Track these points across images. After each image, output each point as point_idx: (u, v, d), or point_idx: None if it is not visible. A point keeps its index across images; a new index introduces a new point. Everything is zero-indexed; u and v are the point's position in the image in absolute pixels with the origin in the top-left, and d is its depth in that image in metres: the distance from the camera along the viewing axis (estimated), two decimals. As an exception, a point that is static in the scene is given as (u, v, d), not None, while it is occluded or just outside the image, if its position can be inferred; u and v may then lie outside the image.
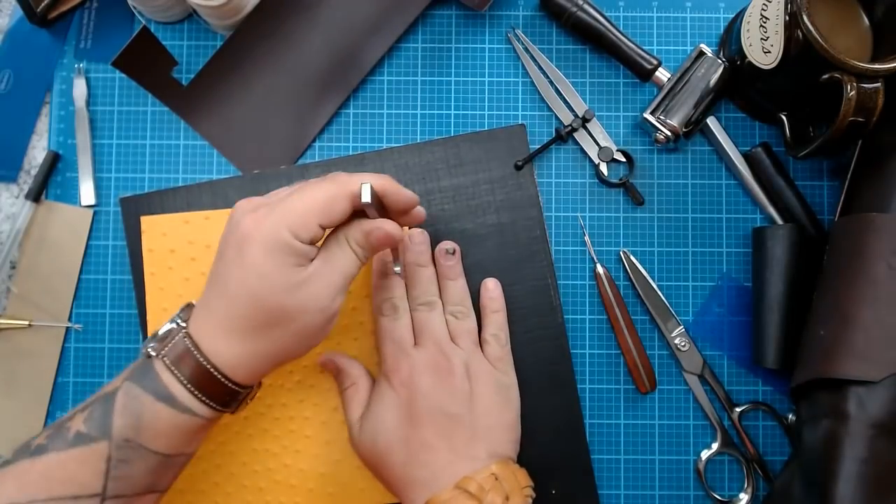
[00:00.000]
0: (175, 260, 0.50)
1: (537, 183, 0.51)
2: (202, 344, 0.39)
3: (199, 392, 0.38)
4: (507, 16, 0.53)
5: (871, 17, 0.46)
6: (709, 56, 0.50)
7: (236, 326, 0.38)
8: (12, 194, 0.53)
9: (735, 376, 0.51)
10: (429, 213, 0.51)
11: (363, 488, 0.48)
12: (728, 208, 0.52)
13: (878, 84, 0.41)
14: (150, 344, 0.39)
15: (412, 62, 0.53)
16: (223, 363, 0.39)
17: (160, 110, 0.53)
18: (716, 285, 0.52)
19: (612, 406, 0.51)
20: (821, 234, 0.50)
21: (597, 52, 0.53)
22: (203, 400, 0.39)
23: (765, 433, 0.51)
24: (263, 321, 0.38)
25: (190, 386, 0.38)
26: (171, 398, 0.38)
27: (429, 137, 0.52)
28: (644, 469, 0.50)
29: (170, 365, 0.38)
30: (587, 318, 0.51)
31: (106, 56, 0.51)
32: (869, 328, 0.42)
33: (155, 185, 0.52)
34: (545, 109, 0.53)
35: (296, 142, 0.52)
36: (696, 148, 0.53)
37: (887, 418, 0.41)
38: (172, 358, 0.38)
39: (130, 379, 0.39)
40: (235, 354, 0.39)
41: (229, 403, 0.40)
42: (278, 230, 0.37)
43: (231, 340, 0.38)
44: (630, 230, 0.52)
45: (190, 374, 0.38)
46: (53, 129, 0.52)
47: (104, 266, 0.52)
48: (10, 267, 0.52)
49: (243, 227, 0.38)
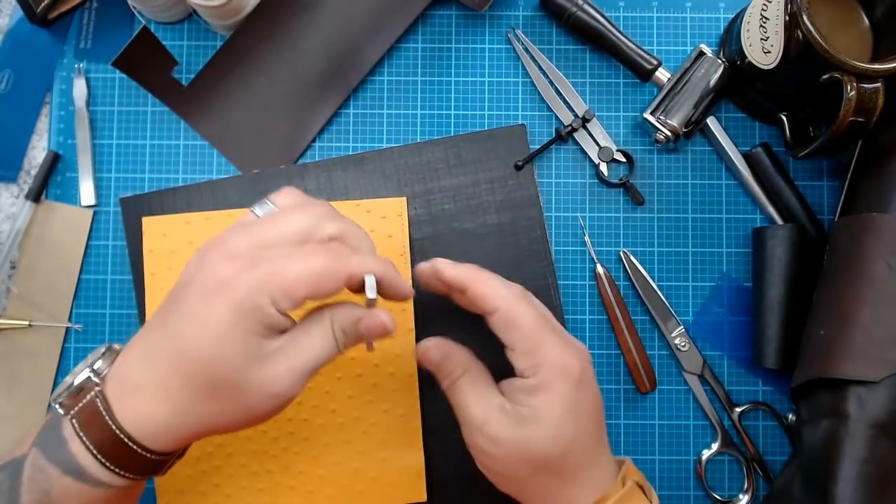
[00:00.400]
0: (175, 261, 0.50)
1: (537, 183, 0.51)
2: (120, 405, 0.33)
3: (111, 463, 0.33)
4: (507, 16, 0.53)
5: (871, 17, 0.46)
6: (709, 56, 0.50)
7: (170, 392, 0.32)
8: (12, 194, 0.53)
9: (735, 376, 0.51)
10: (429, 213, 0.51)
11: (362, 490, 0.48)
12: (728, 208, 0.52)
13: (878, 84, 0.41)
14: (61, 396, 0.34)
15: (412, 62, 0.53)
16: (143, 431, 0.33)
17: (160, 110, 0.53)
18: (716, 285, 0.52)
19: (612, 406, 0.51)
20: (821, 234, 0.50)
21: (597, 52, 0.53)
22: (117, 472, 0.33)
23: (765, 433, 0.51)
24: (205, 392, 0.32)
25: (101, 456, 0.32)
26: (80, 471, 0.32)
27: (429, 137, 0.52)
28: (644, 469, 0.50)
29: (78, 430, 0.33)
30: (587, 318, 0.51)
31: (106, 56, 0.51)
32: (869, 328, 0.42)
33: (155, 185, 0.52)
34: (545, 109, 0.53)
35: (295, 142, 0.52)
36: (696, 148, 0.53)
37: (887, 418, 0.41)
38: (82, 420, 0.33)
39: (38, 445, 0.33)
40: (161, 422, 0.33)
41: (150, 472, 0.34)
42: (258, 292, 0.31)
43: (158, 406, 0.32)
44: (630, 230, 0.52)
45: (100, 441, 0.32)
46: (53, 129, 0.52)
47: (104, 266, 0.52)
48: (10, 267, 0.52)
49: (218, 275, 0.32)
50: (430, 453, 0.49)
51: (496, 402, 0.38)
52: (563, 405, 0.36)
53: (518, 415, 0.37)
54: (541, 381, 0.37)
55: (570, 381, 0.37)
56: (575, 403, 0.37)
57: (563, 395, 0.37)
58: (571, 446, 0.37)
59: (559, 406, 0.36)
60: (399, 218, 0.50)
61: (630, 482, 0.37)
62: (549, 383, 0.37)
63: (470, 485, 0.48)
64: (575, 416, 0.37)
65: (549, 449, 0.36)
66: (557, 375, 0.37)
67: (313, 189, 0.51)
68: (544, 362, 0.37)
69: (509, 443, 0.37)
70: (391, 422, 0.49)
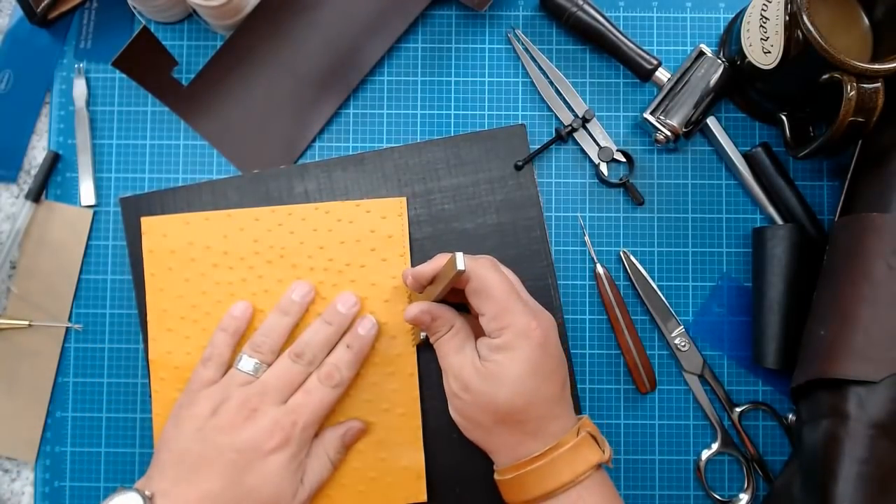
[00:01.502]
0: (175, 261, 0.50)
1: (537, 183, 0.51)
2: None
3: None
4: (507, 16, 0.53)
5: (871, 17, 0.46)
6: (709, 56, 0.50)
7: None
8: (12, 194, 0.53)
9: (735, 376, 0.51)
10: (429, 213, 0.51)
11: (362, 490, 0.48)
12: (728, 208, 0.52)
13: (878, 84, 0.41)
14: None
15: (412, 62, 0.53)
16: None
17: (160, 110, 0.53)
18: (716, 285, 0.52)
19: (612, 406, 0.51)
20: (821, 234, 0.50)
21: (597, 52, 0.53)
22: None
23: (765, 433, 0.51)
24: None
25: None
26: None
27: (429, 137, 0.52)
28: (644, 469, 0.50)
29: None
30: (587, 318, 0.51)
31: (106, 56, 0.51)
32: (869, 328, 0.42)
33: (155, 185, 0.52)
34: (545, 109, 0.53)
35: (295, 142, 0.52)
36: (696, 148, 0.53)
37: (887, 418, 0.41)
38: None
39: None
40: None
41: None
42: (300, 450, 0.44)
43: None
44: (630, 230, 0.52)
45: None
46: (53, 129, 0.52)
47: (104, 266, 0.52)
48: (10, 267, 0.52)
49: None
50: (430, 453, 0.49)
51: (470, 355, 0.43)
52: (524, 364, 0.41)
53: (486, 369, 0.42)
54: (505, 342, 0.41)
55: (532, 343, 0.41)
56: (536, 364, 0.41)
57: (524, 356, 0.41)
58: (531, 401, 0.41)
59: (520, 365, 0.41)
60: (399, 218, 0.50)
61: (583, 433, 0.42)
62: (512, 344, 0.41)
63: (470, 485, 0.49)
64: (535, 375, 0.41)
65: (509, 401, 0.41)
66: (521, 338, 0.41)
67: (313, 189, 0.51)
68: (510, 326, 0.41)
69: (476, 392, 0.42)
70: (391, 421, 0.49)
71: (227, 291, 0.49)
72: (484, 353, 0.42)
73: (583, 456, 0.41)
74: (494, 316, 0.42)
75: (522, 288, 0.45)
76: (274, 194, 0.51)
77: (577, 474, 0.40)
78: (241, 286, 0.49)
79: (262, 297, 0.49)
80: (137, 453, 0.51)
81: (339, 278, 0.49)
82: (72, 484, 0.50)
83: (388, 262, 0.50)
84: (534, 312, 0.43)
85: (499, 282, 0.42)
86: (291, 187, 0.51)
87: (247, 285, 0.49)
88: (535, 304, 0.44)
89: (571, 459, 0.41)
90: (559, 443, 0.41)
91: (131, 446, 0.51)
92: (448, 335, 0.45)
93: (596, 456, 0.41)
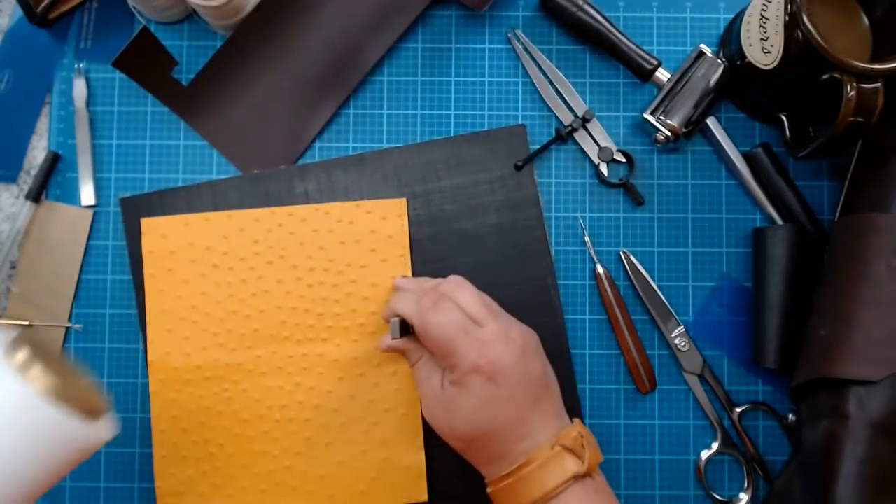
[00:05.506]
0: (175, 262, 0.50)
1: (537, 183, 0.51)
2: None
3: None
4: (507, 16, 0.53)
5: (871, 17, 0.46)
6: (709, 56, 0.50)
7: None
8: (12, 194, 0.53)
9: (735, 376, 0.51)
10: (428, 213, 0.51)
11: (363, 490, 0.48)
12: (728, 208, 0.52)
13: (878, 84, 0.41)
14: None
15: (412, 62, 0.53)
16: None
17: (160, 110, 0.53)
18: (716, 285, 0.52)
19: (612, 406, 0.51)
20: (821, 234, 0.50)
21: (597, 52, 0.53)
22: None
23: (765, 433, 0.51)
24: None
25: None
26: None
27: (429, 137, 0.52)
28: (644, 469, 0.50)
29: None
30: (587, 318, 0.51)
31: (106, 56, 0.51)
32: (869, 328, 0.42)
33: (155, 185, 0.52)
34: (545, 109, 0.53)
35: (295, 142, 0.52)
36: (696, 148, 0.53)
37: (887, 418, 0.41)
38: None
39: None
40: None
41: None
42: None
43: None
44: (630, 230, 0.52)
45: None
46: (53, 129, 0.52)
47: (104, 266, 0.52)
48: (10, 267, 0.52)
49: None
50: (431, 453, 0.49)
51: (436, 384, 0.44)
52: (472, 399, 0.42)
53: (445, 399, 0.43)
54: (457, 379, 0.42)
55: (480, 379, 0.41)
56: (487, 398, 0.41)
57: (474, 392, 0.41)
58: (486, 431, 0.42)
59: (470, 399, 0.42)
60: (399, 219, 0.50)
61: (557, 448, 0.41)
62: (461, 381, 0.42)
63: (471, 485, 0.48)
64: (487, 407, 0.41)
65: (465, 431, 0.42)
66: (468, 375, 0.41)
67: (313, 189, 0.51)
68: (457, 365, 0.42)
69: (440, 420, 0.43)
70: (392, 422, 0.49)
71: (226, 293, 0.49)
72: (444, 384, 0.43)
73: (553, 471, 0.40)
74: (441, 356, 0.43)
75: (492, 307, 0.44)
76: (274, 195, 0.51)
77: (547, 491, 0.40)
78: (242, 287, 0.49)
79: (262, 298, 0.49)
80: (137, 453, 0.50)
81: (340, 279, 0.49)
82: (72, 484, 0.50)
83: (388, 262, 0.50)
84: (483, 344, 0.42)
85: (441, 325, 0.42)
86: (291, 188, 0.51)
87: (247, 286, 0.49)
88: (505, 322, 0.43)
89: (540, 476, 0.40)
90: (528, 460, 0.41)
91: (131, 446, 0.51)
92: (419, 363, 0.45)
93: (572, 468, 0.40)
